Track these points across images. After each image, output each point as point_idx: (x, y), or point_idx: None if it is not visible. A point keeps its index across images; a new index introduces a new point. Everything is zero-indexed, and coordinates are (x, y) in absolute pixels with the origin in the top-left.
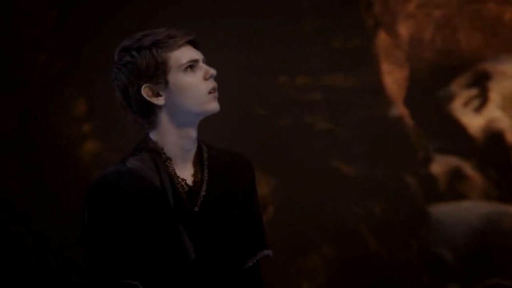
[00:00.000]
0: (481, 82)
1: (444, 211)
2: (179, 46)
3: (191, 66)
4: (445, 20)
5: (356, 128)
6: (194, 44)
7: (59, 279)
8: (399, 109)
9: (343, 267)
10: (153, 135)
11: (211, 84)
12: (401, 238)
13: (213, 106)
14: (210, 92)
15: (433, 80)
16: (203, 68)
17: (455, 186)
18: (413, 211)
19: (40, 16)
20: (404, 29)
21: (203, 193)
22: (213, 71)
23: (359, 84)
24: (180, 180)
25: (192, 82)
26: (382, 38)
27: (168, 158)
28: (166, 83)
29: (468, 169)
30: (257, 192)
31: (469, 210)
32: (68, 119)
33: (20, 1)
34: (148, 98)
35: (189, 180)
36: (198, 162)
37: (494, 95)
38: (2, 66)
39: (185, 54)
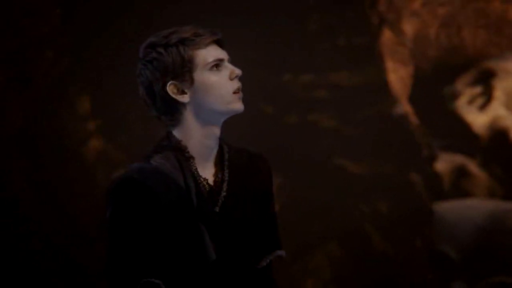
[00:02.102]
0: (486, 80)
1: (449, 209)
2: (206, 45)
3: (217, 65)
4: (449, 18)
5: (361, 126)
6: (219, 43)
7: (61, 278)
8: (404, 107)
9: (348, 265)
10: (176, 133)
11: (236, 84)
12: (406, 235)
13: (238, 106)
14: (235, 92)
15: (437, 78)
16: (229, 68)
17: (459, 184)
18: (418, 208)
19: (45, 15)
20: (408, 27)
21: (223, 193)
22: (238, 71)
23: (363, 82)
24: (202, 180)
25: (217, 81)
26: (387, 36)
27: (191, 157)
28: (192, 81)
29: (472, 167)
30: (274, 193)
31: (473, 208)
32: (73, 117)
33: (25, 1)
34: (173, 95)
35: (210, 180)
36: (219, 161)
37: (499, 93)
38: (7, 65)
39: (211, 52)
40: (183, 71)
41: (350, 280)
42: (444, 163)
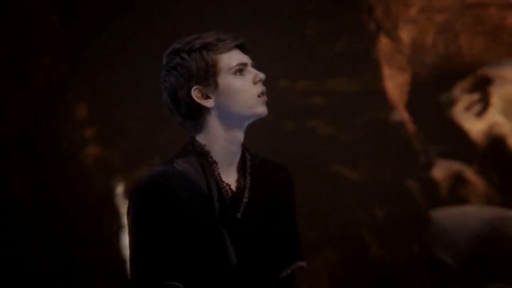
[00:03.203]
0: (483, 87)
1: (446, 215)
2: (229, 50)
3: (240, 69)
4: (446, 25)
5: (358, 133)
6: (242, 48)
7: (59, 279)
8: (401, 114)
9: (345, 271)
10: (200, 138)
11: (260, 88)
12: (403, 242)
13: (262, 109)
14: (259, 96)
15: (434, 85)
16: (252, 72)
17: (456, 191)
18: (415, 215)
19: (43, 21)
20: (405, 34)
21: (245, 200)
22: (262, 75)
23: (361, 89)
24: (225, 185)
25: (241, 85)
26: (384, 42)
27: (215, 162)
28: (216, 85)
29: (469, 173)
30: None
31: (471, 215)
32: (71, 123)
33: (24, 5)
34: (198, 100)
35: (233, 186)
36: (241, 168)
37: (496, 100)
38: (6, 70)
39: (235, 57)
40: (207, 76)
41: (347, 286)
42: (441, 170)
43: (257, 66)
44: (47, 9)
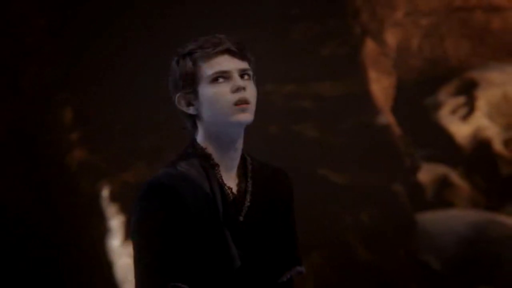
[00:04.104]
0: (468, 90)
1: (432, 219)
2: (210, 57)
3: (217, 78)
4: (432, 28)
5: (343, 136)
6: (232, 52)
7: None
8: (387, 117)
9: (332, 275)
10: (200, 141)
11: (238, 95)
12: (389, 246)
13: (239, 117)
14: (236, 104)
15: (420, 88)
16: (232, 80)
17: (442, 194)
18: (400, 219)
19: (30, 25)
20: (391, 37)
21: (247, 203)
22: (240, 83)
23: (346, 92)
24: (227, 188)
25: (216, 93)
26: (370, 46)
27: (216, 164)
28: (196, 94)
29: (455, 177)
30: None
31: (456, 218)
32: (57, 127)
33: (11, 10)
34: (180, 107)
35: (234, 189)
36: (242, 172)
37: (481, 103)
38: None
39: (214, 65)
40: (188, 84)
41: None
42: (427, 173)
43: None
44: (35, 14)
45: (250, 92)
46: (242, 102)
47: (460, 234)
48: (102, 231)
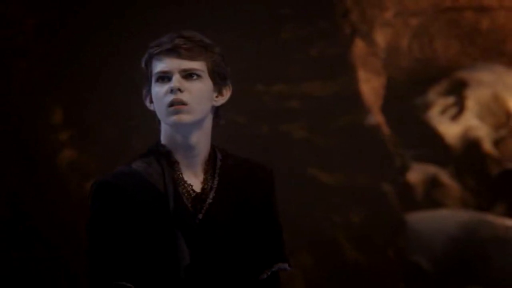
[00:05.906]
0: (458, 90)
1: (421, 219)
2: (157, 56)
3: (161, 77)
4: (422, 28)
5: (333, 137)
6: (177, 53)
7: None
8: (376, 117)
9: (321, 275)
10: (162, 139)
11: (171, 97)
12: (378, 246)
13: (172, 119)
14: (169, 106)
15: (410, 88)
16: (172, 81)
17: (432, 194)
18: (390, 219)
19: (19, 25)
20: (381, 37)
21: (209, 200)
22: (173, 85)
23: (336, 92)
24: (186, 186)
25: (157, 93)
26: (359, 46)
27: (176, 162)
28: (150, 91)
29: (444, 177)
30: (277, 203)
31: (446, 218)
32: (46, 127)
33: (0, 11)
34: (146, 104)
35: (197, 187)
36: (210, 169)
37: (471, 103)
38: None
39: (158, 65)
40: (146, 81)
41: None
42: (416, 174)
43: (232, 69)
44: (23, 14)
45: (191, 93)
46: (176, 103)
47: (450, 234)
48: None
